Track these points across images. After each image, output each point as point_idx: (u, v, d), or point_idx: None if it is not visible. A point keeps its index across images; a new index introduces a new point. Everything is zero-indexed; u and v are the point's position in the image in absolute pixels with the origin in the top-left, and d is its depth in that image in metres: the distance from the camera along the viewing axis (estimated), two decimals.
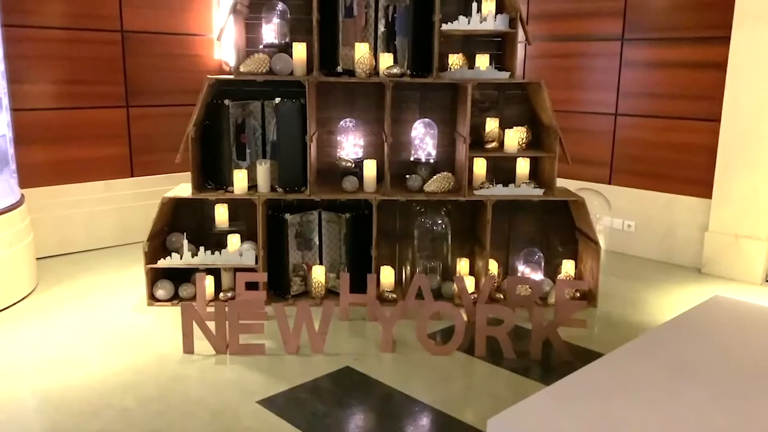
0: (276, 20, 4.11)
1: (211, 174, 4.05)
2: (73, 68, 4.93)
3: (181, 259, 3.92)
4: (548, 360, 3.32)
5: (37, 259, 4.46)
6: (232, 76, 3.98)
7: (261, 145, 4.14)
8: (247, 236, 4.15)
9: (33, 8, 4.69)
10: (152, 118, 5.37)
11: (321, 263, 4.15)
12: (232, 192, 3.95)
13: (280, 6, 4.10)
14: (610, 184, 5.31)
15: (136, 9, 5.18)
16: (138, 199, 5.29)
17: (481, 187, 4.02)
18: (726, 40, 4.53)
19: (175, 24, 5.44)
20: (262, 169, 3.96)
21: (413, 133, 4.30)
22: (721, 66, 4.58)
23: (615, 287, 4.42)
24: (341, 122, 4.31)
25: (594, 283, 4.02)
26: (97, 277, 4.52)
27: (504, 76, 3.94)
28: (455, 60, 4.12)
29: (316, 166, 4.13)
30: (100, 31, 5.04)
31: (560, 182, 4.13)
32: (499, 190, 3.99)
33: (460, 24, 3.90)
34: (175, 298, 4.02)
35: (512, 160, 4.13)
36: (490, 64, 4.09)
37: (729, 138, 4.59)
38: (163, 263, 3.91)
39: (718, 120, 4.63)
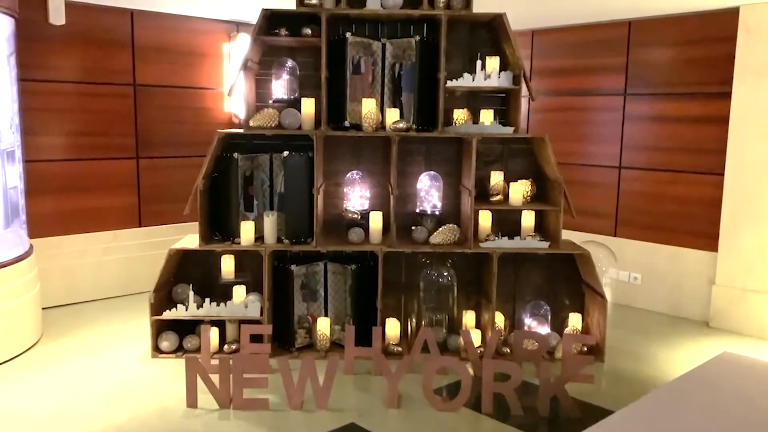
0: (286, 76, 4.21)
1: (219, 225, 4.09)
2: (85, 120, 5.04)
3: (186, 310, 3.92)
4: (556, 417, 3.27)
5: (43, 308, 4.47)
6: (241, 130, 4.06)
7: (268, 197, 4.19)
8: (253, 287, 4.16)
9: (49, 63, 4.83)
10: (161, 169, 5.45)
11: (326, 315, 4.14)
12: (239, 243, 3.97)
13: (289, 63, 4.21)
14: (615, 236, 5.32)
15: (148, 63, 5.32)
16: (145, 249, 5.32)
17: (486, 240, 4.04)
18: (727, 95, 4.61)
19: (186, 78, 5.57)
20: (269, 221, 4.00)
21: (419, 186, 4.34)
22: (723, 120, 4.64)
23: (622, 341, 4.37)
24: (348, 174, 4.36)
25: (601, 338, 3.99)
26: (102, 328, 4.51)
27: (508, 131, 4.00)
28: (460, 115, 4.20)
29: (322, 218, 4.17)
30: (113, 84, 5.17)
31: (565, 234, 4.14)
32: (504, 243, 4.00)
33: (465, 81, 3.98)
34: (179, 350, 4.00)
35: (517, 212, 4.15)
36: (495, 119, 4.16)
37: (733, 191, 4.62)
38: (168, 315, 3.91)
39: (722, 173, 4.67)
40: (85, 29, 4.96)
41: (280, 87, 4.24)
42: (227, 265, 4.09)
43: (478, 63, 4.00)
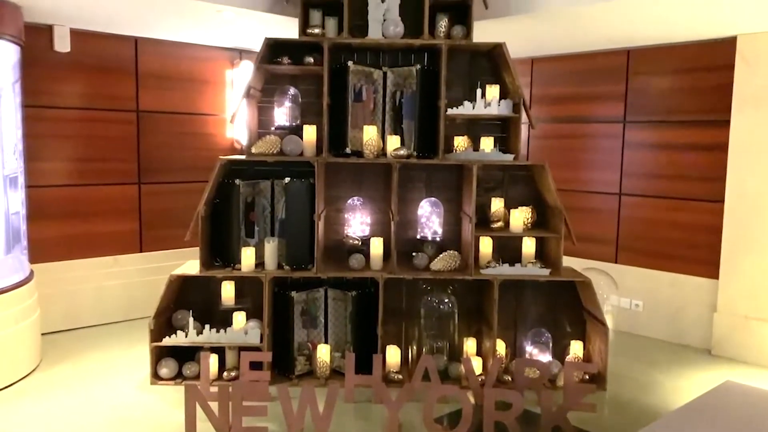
0: (288, 103, 4.26)
1: (219, 251, 4.09)
2: (88, 146, 5.07)
3: (186, 337, 3.91)
4: None
5: (43, 334, 4.45)
6: (243, 157, 4.08)
7: (269, 223, 4.20)
8: (253, 313, 4.14)
9: (53, 89, 4.88)
10: (163, 194, 5.48)
11: (326, 342, 4.12)
12: (240, 270, 3.98)
13: (292, 90, 4.25)
14: (616, 262, 5.32)
15: (151, 90, 5.37)
16: (146, 274, 5.32)
17: (487, 266, 4.03)
18: (726, 123, 4.64)
19: (189, 104, 5.62)
20: (270, 247, 4.00)
21: (420, 212, 4.36)
22: (722, 148, 4.67)
23: (624, 369, 4.35)
24: (349, 200, 4.38)
25: (603, 366, 3.97)
26: (101, 354, 4.49)
27: (508, 158, 4.03)
28: (460, 142, 4.23)
29: (323, 244, 4.17)
30: (116, 111, 5.21)
31: (566, 260, 4.14)
32: (505, 270, 4.00)
33: (465, 109, 4.02)
34: (179, 376, 3.98)
35: (518, 239, 4.15)
36: (495, 146, 4.19)
37: (734, 219, 4.63)
38: (167, 341, 3.90)
39: (722, 201, 4.68)
40: (89, 56, 5.02)
41: (282, 114, 4.28)
42: (227, 291, 4.08)
43: (479, 91, 4.04)
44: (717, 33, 4.54)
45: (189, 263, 4.17)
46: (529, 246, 4.14)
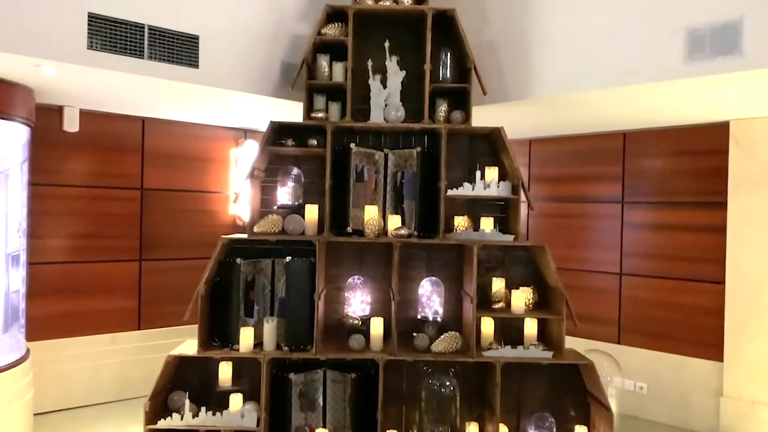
0: (291, 183, 4.32)
1: (218, 330, 4.05)
2: (91, 223, 5.12)
3: (181, 420, 3.81)
4: None
5: (36, 414, 4.35)
6: (245, 236, 4.11)
7: (269, 302, 4.17)
8: (250, 395, 4.06)
9: (59, 167, 4.97)
10: (164, 271, 5.48)
11: (324, 425, 4.02)
12: (238, 350, 3.92)
13: (295, 171, 4.32)
14: (619, 343, 5.26)
15: (157, 168, 5.47)
16: (143, 352, 5.25)
17: (489, 348, 3.98)
18: (723, 205, 4.70)
19: (193, 182, 5.71)
20: (269, 327, 3.97)
21: (420, 291, 4.34)
22: (720, 230, 4.71)
23: None
24: (350, 279, 4.37)
25: None
26: None
27: (508, 239, 4.05)
28: (461, 222, 4.26)
29: (323, 323, 4.13)
30: (121, 188, 5.29)
31: (569, 341, 4.09)
32: (507, 352, 3.95)
33: (465, 190, 4.07)
34: None
35: (520, 320, 4.12)
36: (495, 226, 4.21)
37: (735, 301, 4.61)
38: (163, 424, 3.80)
39: (723, 282, 4.68)
40: (97, 135, 5.14)
41: (284, 193, 4.33)
42: (224, 372, 4.01)
43: (478, 173, 4.11)
44: (710, 118, 4.67)
45: (187, 343, 4.12)
46: (531, 327, 4.10)
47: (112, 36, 3.62)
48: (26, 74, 3.79)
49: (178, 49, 3.87)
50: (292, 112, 4.60)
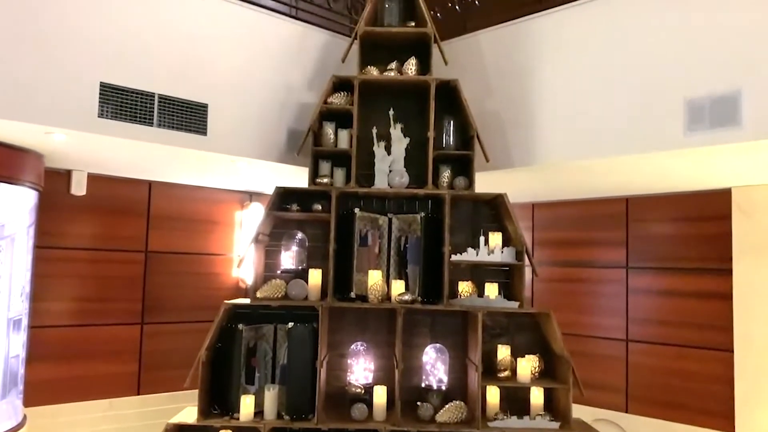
0: (295, 248, 4.33)
1: (218, 397, 3.98)
2: (94, 286, 5.10)
3: None
4: None
5: None
6: (248, 301, 4.09)
7: (270, 368, 4.11)
8: None
9: (64, 230, 4.99)
10: (166, 335, 5.43)
11: None
12: (238, 419, 3.84)
13: (299, 235, 4.34)
14: (627, 412, 5.14)
15: (162, 231, 5.50)
16: (142, 418, 5.15)
17: (495, 419, 3.90)
18: (728, 271, 4.68)
19: (197, 244, 5.73)
20: (270, 395, 3.90)
21: (424, 358, 4.28)
22: (726, 296, 4.67)
23: None
24: (352, 345, 4.32)
25: None
26: None
27: (513, 305, 4.02)
28: (465, 287, 4.24)
29: (324, 391, 4.06)
30: (125, 251, 5.30)
31: (576, 408, 3.99)
32: (513, 423, 3.86)
33: (469, 256, 4.08)
34: None
35: (526, 388, 4.05)
36: (499, 292, 4.19)
37: (744, 369, 4.52)
38: None
39: (731, 350, 4.60)
40: (103, 199, 5.18)
41: (288, 257, 4.34)
42: None
43: (482, 238, 4.12)
44: (712, 185, 4.69)
45: (186, 410, 4.04)
46: (537, 397, 4.02)
47: (122, 104, 3.70)
48: (37, 141, 3.86)
49: (187, 116, 3.95)
50: (298, 176, 4.66)
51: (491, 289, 4.16)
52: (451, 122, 4.37)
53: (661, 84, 3.65)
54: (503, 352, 4.10)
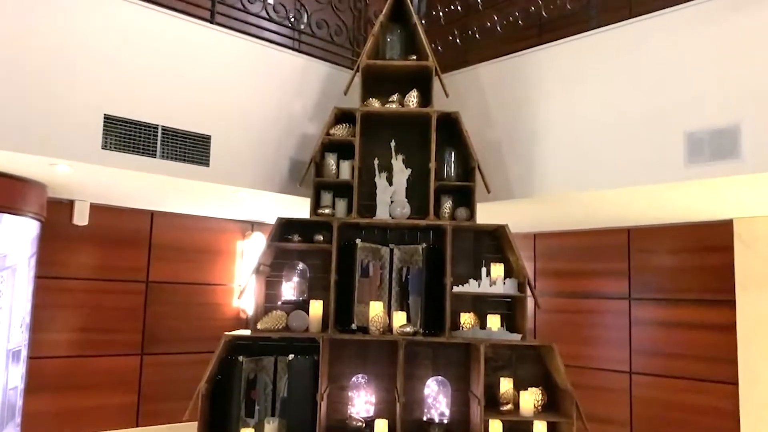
0: (296, 278, 4.32)
1: (218, 430, 3.93)
2: (93, 317, 5.08)
3: None
4: None
5: None
6: (248, 332, 4.06)
7: (270, 401, 4.07)
8: None
9: (66, 260, 4.99)
10: (165, 365, 5.38)
11: None
12: None
13: (300, 266, 4.33)
14: None
15: (163, 261, 5.49)
16: None
17: None
18: (731, 303, 4.65)
19: (198, 274, 5.71)
20: (270, 428, 3.86)
21: (426, 391, 4.24)
22: (730, 329, 4.63)
23: None
24: (353, 378, 4.28)
25: None
26: None
27: (515, 338, 3.99)
28: (467, 319, 4.21)
29: (325, 425, 4.01)
30: (126, 281, 5.28)
31: None
32: None
33: (471, 287, 4.06)
34: None
35: (529, 422, 3.99)
36: (502, 324, 4.17)
37: (750, 403, 4.47)
38: None
39: (736, 383, 4.55)
40: (105, 229, 5.18)
41: (289, 288, 4.32)
42: None
43: (483, 270, 4.10)
44: (714, 216, 4.69)
45: None
46: (540, 430, 3.97)
47: (126, 136, 3.72)
48: (40, 172, 3.88)
49: (190, 148, 3.98)
50: (299, 207, 4.66)
51: (493, 321, 4.13)
52: (453, 153, 4.40)
53: (661, 116, 3.67)
54: (506, 385, 4.05)
